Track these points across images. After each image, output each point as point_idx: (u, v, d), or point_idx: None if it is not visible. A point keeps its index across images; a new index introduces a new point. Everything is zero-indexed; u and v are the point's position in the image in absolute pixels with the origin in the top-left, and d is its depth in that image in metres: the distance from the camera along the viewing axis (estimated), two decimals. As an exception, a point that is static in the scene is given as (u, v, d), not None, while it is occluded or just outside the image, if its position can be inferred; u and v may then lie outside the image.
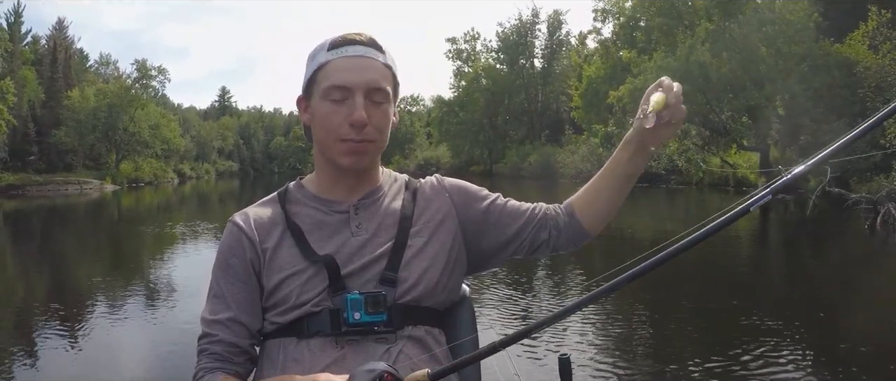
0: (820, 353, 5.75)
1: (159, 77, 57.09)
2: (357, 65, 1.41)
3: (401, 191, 1.59)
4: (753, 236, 14.45)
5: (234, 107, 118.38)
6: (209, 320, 1.45)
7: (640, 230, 15.16)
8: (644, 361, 5.65)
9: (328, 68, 1.42)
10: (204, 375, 1.41)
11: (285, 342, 1.41)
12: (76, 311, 7.97)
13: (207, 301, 1.48)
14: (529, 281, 9.21)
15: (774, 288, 8.99)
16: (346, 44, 1.43)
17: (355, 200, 1.51)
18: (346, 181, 1.51)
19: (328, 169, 1.52)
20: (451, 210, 1.57)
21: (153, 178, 56.22)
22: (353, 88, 1.40)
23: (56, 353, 6.14)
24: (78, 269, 12.18)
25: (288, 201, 1.53)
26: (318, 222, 1.49)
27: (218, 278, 1.48)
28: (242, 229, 1.49)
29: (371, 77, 1.41)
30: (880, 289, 9.01)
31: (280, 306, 1.42)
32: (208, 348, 1.43)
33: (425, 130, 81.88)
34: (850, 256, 11.90)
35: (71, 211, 28.65)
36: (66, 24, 63.89)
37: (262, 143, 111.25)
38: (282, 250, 1.46)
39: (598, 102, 35.72)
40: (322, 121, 1.44)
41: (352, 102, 1.40)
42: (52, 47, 56.48)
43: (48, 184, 42.36)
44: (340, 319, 1.37)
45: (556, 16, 67.97)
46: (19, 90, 43.66)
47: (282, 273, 1.43)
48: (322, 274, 1.41)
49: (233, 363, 1.43)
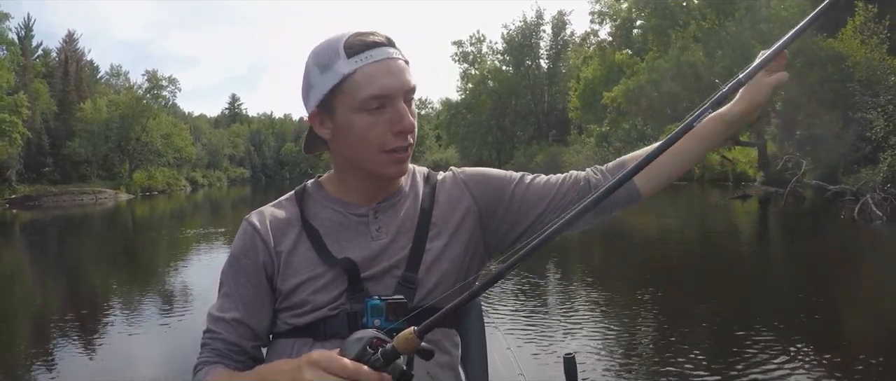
0: (812, 343, 5.84)
1: (170, 87, 57.98)
2: (389, 69, 1.32)
3: (420, 188, 1.52)
4: (736, 228, 14.88)
5: (245, 114, 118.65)
6: (215, 316, 1.44)
7: (645, 226, 15.55)
8: (648, 359, 5.64)
9: (357, 78, 1.31)
10: (204, 366, 1.40)
11: (299, 344, 1.39)
12: (93, 318, 8.14)
13: (218, 297, 1.47)
14: (531, 278, 9.27)
15: (764, 280, 9.18)
16: (367, 48, 1.33)
17: (375, 202, 1.46)
18: (374, 185, 1.45)
19: (356, 175, 1.44)
20: (471, 205, 1.51)
21: (166, 186, 57.13)
22: (394, 94, 1.32)
23: (73, 360, 6.26)
24: (94, 277, 12.43)
25: (305, 202, 1.49)
26: (336, 224, 1.45)
27: (228, 276, 1.46)
28: (257, 229, 1.45)
29: (406, 79, 1.33)
30: (858, 277, 9.40)
31: (296, 309, 1.40)
32: (210, 343, 1.42)
33: (434, 132, 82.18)
34: (829, 245, 12.29)
35: (86, 220, 29.08)
36: (76, 37, 64.83)
37: (273, 149, 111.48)
38: (298, 253, 1.42)
39: (595, 103, 36.18)
40: (361, 133, 1.35)
41: (393, 109, 1.32)
42: (63, 60, 57.40)
43: (63, 194, 43.04)
44: (359, 323, 1.33)
45: (561, 17, 68.20)
46: (32, 103, 44.14)
47: (299, 277, 1.40)
48: (341, 278, 1.38)
49: (233, 360, 1.42)
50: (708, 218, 18.64)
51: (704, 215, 19.67)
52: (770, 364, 5.25)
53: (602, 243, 13.99)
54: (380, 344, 1.12)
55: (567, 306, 7.80)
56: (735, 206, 20.39)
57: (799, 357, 5.41)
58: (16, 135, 39.63)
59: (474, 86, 69.52)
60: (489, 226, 1.52)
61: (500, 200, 1.51)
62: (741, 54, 25.44)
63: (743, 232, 15.26)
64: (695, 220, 18.83)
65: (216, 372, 1.38)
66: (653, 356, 5.73)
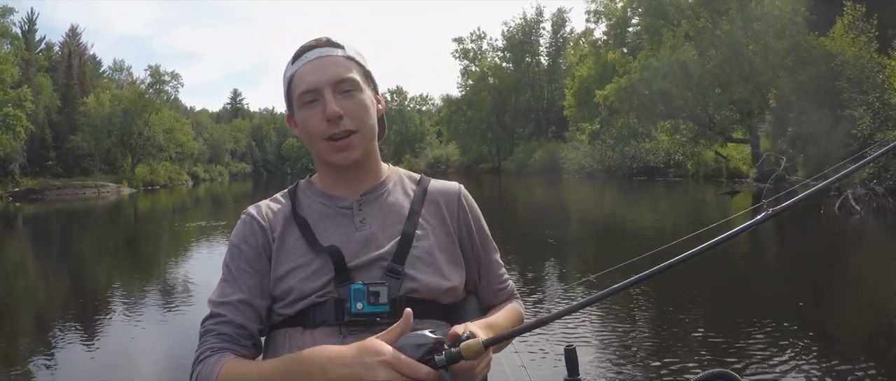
0: (806, 335, 5.98)
1: (173, 82, 58.28)
2: (318, 65, 1.45)
3: (408, 187, 1.61)
4: (725, 223, 15.15)
5: (246, 109, 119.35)
6: (218, 301, 1.45)
7: (643, 226, 15.90)
8: (648, 352, 5.66)
9: (295, 79, 1.48)
10: (210, 355, 1.38)
11: (291, 332, 1.42)
12: (95, 311, 8.18)
13: (217, 287, 1.49)
14: (534, 276, 9.46)
15: (752, 273, 9.43)
16: (304, 52, 1.49)
17: (359, 195, 1.54)
18: (347, 177, 1.54)
19: (327, 169, 1.55)
20: (459, 219, 1.60)
21: (168, 180, 57.39)
22: (320, 86, 1.44)
23: (74, 352, 6.29)
24: (97, 269, 12.55)
25: (297, 197, 1.57)
26: (323, 215, 1.52)
27: (229, 264, 1.49)
28: (255, 217, 1.53)
29: (333, 71, 1.45)
30: (835, 269, 9.75)
31: (286, 297, 1.43)
32: (215, 329, 1.42)
33: (435, 128, 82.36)
34: (808, 239, 12.65)
35: (89, 214, 29.30)
36: (80, 31, 64.97)
37: (275, 144, 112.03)
38: (289, 241, 1.48)
39: (589, 101, 36.68)
40: (304, 127, 1.48)
41: (323, 100, 1.44)
42: (66, 54, 57.61)
43: (66, 188, 43.29)
44: (344, 309, 1.38)
45: (560, 14, 68.62)
46: (35, 97, 44.32)
47: (288, 264, 1.45)
48: (328, 266, 1.42)
49: (240, 345, 1.42)
50: (698, 213, 18.97)
51: (695, 211, 20.01)
52: (764, 352, 5.38)
53: (598, 237, 14.30)
54: (439, 348, 1.19)
55: (568, 297, 7.95)
56: (723, 201, 20.72)
57: (791, 349, 5.53)
58: (20, 129, 39.81)
59: (475, 82, 69.95)
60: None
61: (473, 247, 1.60)
62: (734, 53, 25.84)
63: (730, 227, 15.51)
64: (683, 215, 19.16)
65: (227, 362, 1.36)
66: (652, 347, 5.77)
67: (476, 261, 1.60)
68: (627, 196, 26.96)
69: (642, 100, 30.21)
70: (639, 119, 33.69)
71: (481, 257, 1.61)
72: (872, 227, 14.11)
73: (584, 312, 6.47)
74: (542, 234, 14.46)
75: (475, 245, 1.60)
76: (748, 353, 5.39)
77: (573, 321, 6.32)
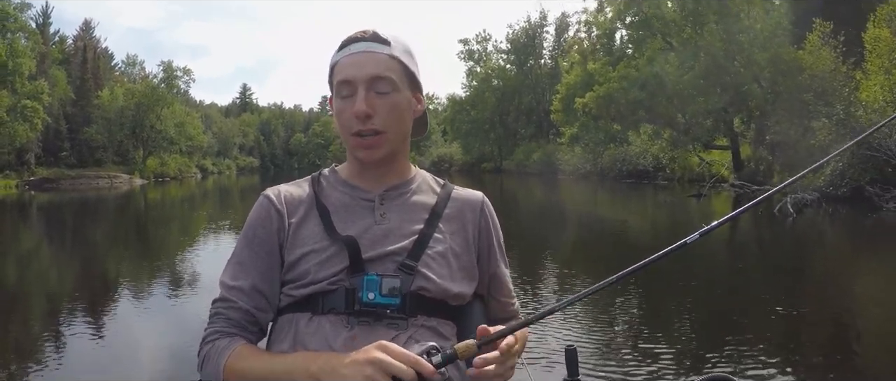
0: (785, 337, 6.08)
1: (184, 77, 59.55)
2: (358, 60, 1.43)
3: (433, 190, 1.60)
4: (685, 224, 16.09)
5: (255, 104, 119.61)
6: (229, 285, 1.45)
7: (632, 228, 16.78)
8: (648, 352, 5.59)
9: (337, 67, 1.47)
10: (219, 337, 1.40)
11: (298, 317, 1.41)
12: (105, 297, 8.30)
13: (228, 266, 1.49)
14: (534, 277, 9.35)
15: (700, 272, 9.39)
16: (350, 42, 1.47)
17: (382, 189, 1.52)
18: (372, 172, 1.53)
19: (354, 161, 1.54)
20: (480, 229, 1.60)
21: (178, 173, 58.74)
22: (355, 81, 1.42)
23: (82, 337, 6.27)
24: (108, 257, 12.72)
25: (319, 184, 1.56)
26: (344, 205, 1.50)
27: (242, 246, 1.49)
28: (272, 201, 1.51)
29: (371, 69, 1.42)
30: (752, 265, 10.48)
31: (298, 281, 1.42)
32: (225, 313, 1.43)
33: (440, 128, 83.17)
34: (735, 235, 13.50)
35: (102, 203, 30.03)
36: (93, 25, 66.78)
37: (282, 139, 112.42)
38: (306, 227, 1.47)
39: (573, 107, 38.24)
40: (338, 117, 1.47)
41: (356, 95, 1.42)
42: (80, 47, 58.70)
43: (80, 178, 44.70)
44: (355, 298, 1.38)
45: (564, 18, 69.32)
46: (51, 89, 45.23)
47: (303, 248, 1.44)
48: (342, 254, 1.41)
49: (248, 331, 1.43)
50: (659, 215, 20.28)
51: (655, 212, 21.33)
52: (763, 352, 5.45)
53: (597, 237, 14.89)
54: (435, 352, 1.22)
55: (568, 296, 8.41)
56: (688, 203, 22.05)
57: (784, 348, 5.70)
58: (37, 120, 40.96)
59: (479, 83, 70.83)
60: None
61: (486, 257, 1.61)
62: (714, 64, 27.12)
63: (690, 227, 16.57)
64: (640, 217, 20.32)
65: (239, 346, 1.38)
66: (653, 348, 5.72)
67: (489, 271, 1.62)
68: (613, 197, 28.03)
69: (619, 108, 31.89)
70: (619, 124, 35.44)
71: (495, 269, 1.63)
72: (805, 228, 15.00)
73: (585, 312, 6.62)
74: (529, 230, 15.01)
75: (492, 256, 1.62)
76: (744, 355, 5.39)
77: (573, 321, 6.29)
